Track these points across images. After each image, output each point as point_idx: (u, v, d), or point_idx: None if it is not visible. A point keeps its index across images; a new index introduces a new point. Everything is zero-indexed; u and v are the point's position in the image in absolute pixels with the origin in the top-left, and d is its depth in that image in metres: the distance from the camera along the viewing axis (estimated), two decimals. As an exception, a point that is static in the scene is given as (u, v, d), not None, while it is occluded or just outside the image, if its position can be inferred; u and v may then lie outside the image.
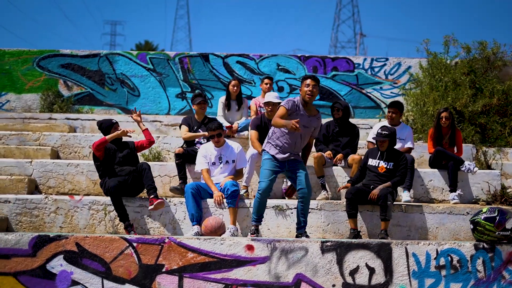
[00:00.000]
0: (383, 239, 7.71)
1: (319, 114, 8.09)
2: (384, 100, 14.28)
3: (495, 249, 7.36)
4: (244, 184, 9.12)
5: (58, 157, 10.72)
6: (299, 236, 7.85)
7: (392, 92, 14.33)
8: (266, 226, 8.42)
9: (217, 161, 8.69)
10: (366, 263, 7.27)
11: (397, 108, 9.69)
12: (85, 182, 9.42)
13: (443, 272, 7.31)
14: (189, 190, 8.26)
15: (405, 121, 11.86)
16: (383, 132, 8.60)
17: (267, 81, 11.16)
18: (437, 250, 7.33)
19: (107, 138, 8.42)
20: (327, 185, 9.28)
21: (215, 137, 8.70)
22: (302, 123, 7.79)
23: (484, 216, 7.48)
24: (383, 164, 8.55)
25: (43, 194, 9.02)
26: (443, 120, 9.72)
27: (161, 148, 10.76)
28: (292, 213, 8.35)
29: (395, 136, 8.72)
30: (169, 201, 8.50)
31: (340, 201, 8.61)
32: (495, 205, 8.94)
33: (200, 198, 8.37)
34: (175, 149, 9.52)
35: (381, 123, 10.25)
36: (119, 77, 14.43)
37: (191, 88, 14.42)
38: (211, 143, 8.82)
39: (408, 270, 7.30)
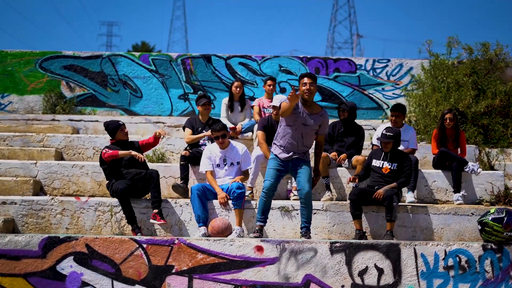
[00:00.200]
0: (392, 240, 7.74)
1: (323, 112, 7.96)
2: (386, 101, 14.33)
3: (503, 250, 7.40)
4: (249, 185, 9.14)
5: (62, 159, 10.72)
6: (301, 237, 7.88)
7: (394, 93, 14.38)
8: (272, 227, 8.45)
9: (222, 163, 8.70)
10: (375, 264, 7.30)
11: (400, 112, 9.70)
12: (90, 183, 9.42)
13: (452, 273, 7.34)
14: (195, 192, 8.27)
15: (408, 122, 11.89)
16: (388, 134, 8.63)
17: (270, 83, 11.17)
18: (446, 251, 7.37)
19: (119, 154, 8.43)
20: (332, 186, 9.32)
21: (220, 138, 8.71)
22: (301, 122, 7.80)
23: (492, 217, 7.52)
24: (387, 165, 8.58)
25: (49, 196, 9.04)
26: (447, 122, 9.76)
27: (165, 149, 10.76)
28: (298, 214, 8.37)
29: (400, 138, 8.76)
30: (175, 203, 8.52)
31: (345, 202, 8.64)
32: (499, 206, 8.98)
33: (206, 199, 8.39)
34: (182, 152, 9.54)
35: (384, 125, 10.29)
36: (122, 79, 14.44)
37: (194, 90, 14.44)
38: (216, 145, 8.83)
39: (417, 271, 7.34)
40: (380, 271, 7.30)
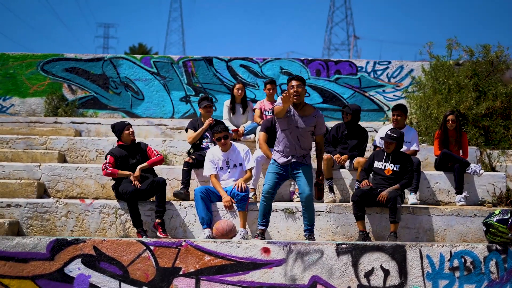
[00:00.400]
0: (397, 241, 7.78)
1: (316, 112, 7.92)
2: (387, 103, 14.38)
3: (508, 251, 7.44)
4: (252, 187, 9.16)
5: (65, 161, 10.74)
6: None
7: (395, 95, 14.43)
8: (276, 229, 8.48)
9: (225, 166, 8.72)
10: (381, 265, 7.33)
11: (401, 111, 9.73)
12: (94, 186, 9.44)
13: (457, 274, 7.38)
14: (198, 194, 8.29)
15: (409, 124, 11.94)
16: (392, 135, 8.67)
17: (269, 86, 11.08)
18: (451, 252, 7.41)
19: (118, 174, 8.43)
20: (335, 187, 9.36)
21: (222, 140, 8.72)
22: (294, 125, 7.81)
23: (497, 218, 7.56)
24: (390, 167, 8.61)
25: (53, 198, 9.05)
26: (450, 123, 9.81)
27: (168, 152, 10.79)
28: (301, 216, 8.40)
29: (403, 140, 8.81)
30: (180, 205, 8.54)
31: (349, 204, 8.67)
32: (501, 207, 9.03)
33: (210, 201, 8.41)
34: (186, 158, 9.51)
35: (386, 126, 10.33)
36: (123, 81, 14.46)
37: (195, 92, 14.47)
38: (218, 148, 8.85)
39: (422, 272, 7.37)
40: (386, 272, 7.33)
